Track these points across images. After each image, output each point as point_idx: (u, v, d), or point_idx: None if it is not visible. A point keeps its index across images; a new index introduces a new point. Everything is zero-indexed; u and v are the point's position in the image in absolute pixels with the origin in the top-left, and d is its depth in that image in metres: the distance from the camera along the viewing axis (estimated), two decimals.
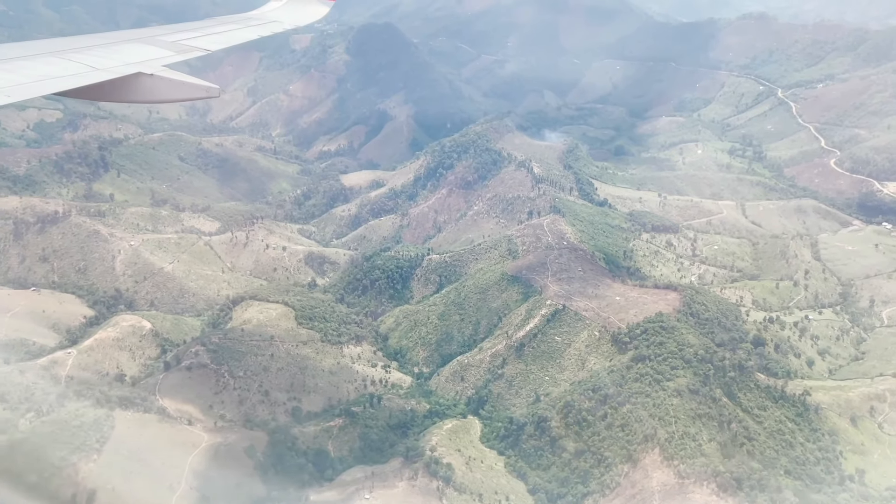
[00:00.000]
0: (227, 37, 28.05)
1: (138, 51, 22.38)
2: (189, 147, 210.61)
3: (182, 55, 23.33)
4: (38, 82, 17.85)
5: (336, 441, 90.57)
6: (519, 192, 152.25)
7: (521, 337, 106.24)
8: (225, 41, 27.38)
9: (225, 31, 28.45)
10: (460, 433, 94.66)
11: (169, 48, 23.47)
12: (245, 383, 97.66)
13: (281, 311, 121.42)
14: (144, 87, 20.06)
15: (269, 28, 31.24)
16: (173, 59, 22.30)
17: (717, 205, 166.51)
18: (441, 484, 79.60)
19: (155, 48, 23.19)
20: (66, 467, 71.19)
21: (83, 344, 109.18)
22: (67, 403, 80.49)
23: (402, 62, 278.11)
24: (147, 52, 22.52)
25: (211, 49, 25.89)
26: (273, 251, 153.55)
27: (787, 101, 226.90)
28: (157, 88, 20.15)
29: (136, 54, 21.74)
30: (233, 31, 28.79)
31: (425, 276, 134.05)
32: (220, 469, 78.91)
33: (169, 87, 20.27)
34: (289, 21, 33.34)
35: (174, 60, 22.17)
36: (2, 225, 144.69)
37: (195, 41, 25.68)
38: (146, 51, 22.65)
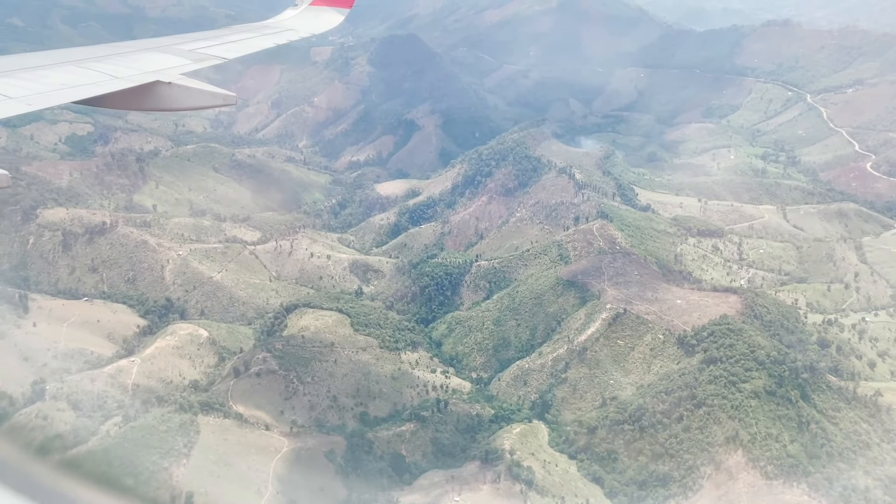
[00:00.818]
0: (243, 45, 28.39)
1: (156, 59, 22.70)
2: (223, 158, 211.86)
3: (199, 63, 23.60)
4: (57, 91, 18.08)
5: (409, 445, 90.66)
6: (562, 198, 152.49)
7: (583, 341, 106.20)
8: (241, 49, 27.84)
9: (241, 40, 28.87)
10: (529, 437, 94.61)
11: (186, 57, 23.73)
12: (313, 389, 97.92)
13: (336, 318, 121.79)
14: (163, 96, 20.27)
15: (284, 36, 31.55)
16: (191, 67, 22.60)
17: (757, 209, 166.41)
18: (524, 487, 79.58)
19: (172, 57, 23.50)
20: (160, 471, 71.44)
21: (145, 352, 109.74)
22: (152, 409, 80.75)
23: (428, 72, 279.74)
24: (165, 60, 22.83)
25: (228, 57, 26.00)
26: (317, 260, 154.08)
27: (817, 107, 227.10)
28: (175, 96, 20.37)
29: (153, 63, 22.07)
30: (249, 40, 29.15)
31: (474, 283, 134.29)
32: (303, 473, 79.10)
33: (187, 95, 20.47)
34: (304, 29, 33.70)
35: (192, 69, 22.47)
36: (51, 236, 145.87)
37: (212, 49, 26.01)
38: (164, 59, 22.97)
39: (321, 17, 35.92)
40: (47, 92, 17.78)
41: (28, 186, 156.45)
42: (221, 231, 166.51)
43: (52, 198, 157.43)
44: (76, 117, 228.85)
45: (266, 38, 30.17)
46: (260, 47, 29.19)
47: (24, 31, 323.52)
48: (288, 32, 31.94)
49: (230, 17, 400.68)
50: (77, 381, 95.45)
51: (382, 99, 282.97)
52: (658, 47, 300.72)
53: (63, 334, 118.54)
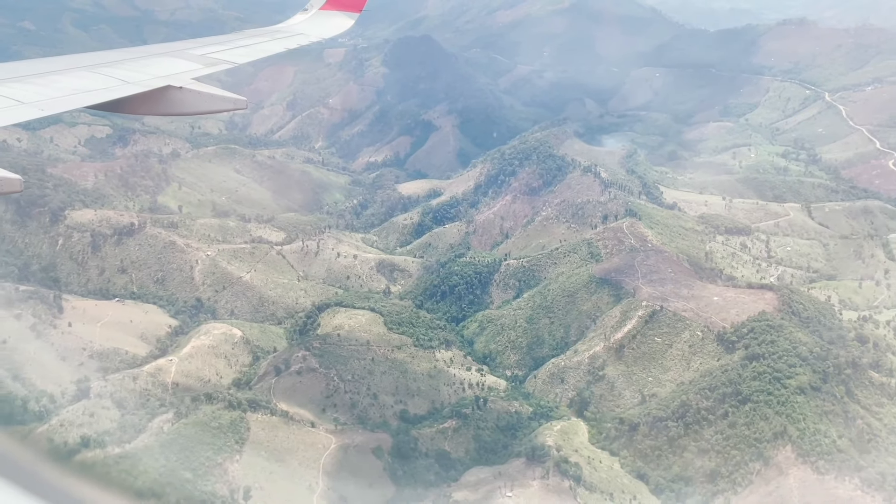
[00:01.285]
0: (253, 49, 28.55)
1: (167, 64, 22.79)
2: (243, 159, 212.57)
3: (210, 68, 23.60)
4: (70, 96, 18.19)
5: (451, 442, 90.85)
6: (588, 196, 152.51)
7: (620, 339, 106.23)
8: (252, 54, 27.94)
9: (252, 45, 28.97)
10: (570, 434, 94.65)
11: (197, 61, 23.75)
12: (354, 387, 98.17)
13: (369, 317, 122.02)
14: (174, 100, 20.31)
15: (294, 41, 31.60)
16: (202, 71, 22.62)
17: (782, 207, 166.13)
18: (572, 483, 79.60)
19: (184, 61, 23.53)
20: (214, 467, 71.73)
21: (182, 352, 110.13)
22: (201, 406, 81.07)
23: (443, 73, 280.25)
24: (176, 65, 22.91)
25: (238, 62, 26.23)
26: (344, 259, 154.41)
27: (836, 105, 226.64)
28: (187, 101, 20.41)
29: (165, 67, 22.17)
30: (259, 44, 29.23)
31: (504, 282, 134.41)
32: (352, 470, 79.32)
33: (198, 99, 20.52)
34: (314, 34, 33.66)
35: (203, 73, 22.50)
36: (80, 237, 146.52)
37: (223, 54, 26.08)
38: (175, 64, 23.05)
39: (331, 22, 36.25)
40: (60, 97, 17.97)
41: (55, 188, 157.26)
42: (247, 231, 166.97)
43: (80, 199, 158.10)
44: (94, 120, 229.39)
45: (276, 42, 30.53)
46: (270, 52, 29.51)
47: (35, 34, 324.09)
48: (298, 37, 32.22)
49: (240, 19, 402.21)
50: (119, 380, 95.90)
51: (398, 99, 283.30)
52: (672, 47, 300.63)
53: (97, 334, 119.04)
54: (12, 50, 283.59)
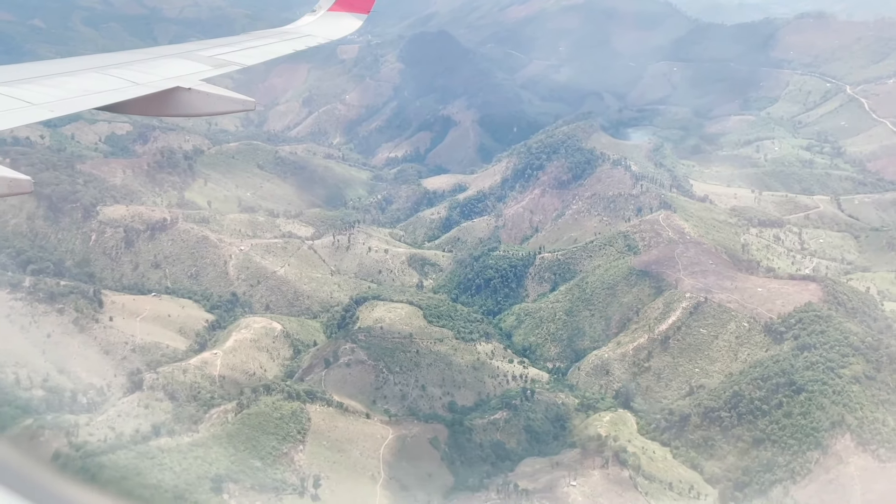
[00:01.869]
0: (262, 51, 28.70)
1: (176, 66, 22.98)
2: (266, 155, 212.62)
3: (219, 69, 23.77)
4: (80, 97, 18.32)
5: (503, 433, 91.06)
6: (619, 189, 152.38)
7: (665, 330, 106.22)
8: (260, 56, 28.08)
9: (260, 46, 29.19)
10: (619, 425, 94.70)
11: (206, 63, 23.91)
12: (403, 378, 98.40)
13: (409, 311, 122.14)
14: (183, 101, 20.47)
15: (303, 42, 31.78)
16: (210, 73, 22.80)
17: (812, 199, 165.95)
18: (632, 473, 79.70)
19: (192, 63, 23.69)
20: (281, 456, 72.03)
21: (226, 345, 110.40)
22: (261, 397, 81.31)
23: (461, 69, 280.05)
24: (185, 66, 23.08)
25: (247, 63, 26.29)
26: (375, 254, 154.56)
27: (858, 98, 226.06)
28: (195, 102, 20.56)
29: (174, 69, 22.36)
30: (268, 46, 29.40)
31: (539, 275, 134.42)
32: (410, 460, 79.62)
33: (206, 100, 20.67)
34: (322, 35, 33.71)
35: (211, 74, 22.67)
36: (113, 233, 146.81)
37: (231, 56, 26.21)
38: (184, 65, 23.20)
39: (339, 23, 36.42)
40: (69, 98, 18.11)
41: (85, 184, 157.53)
42: (276, 227, 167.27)
43: (111, 195, 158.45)
44: (114, 117, 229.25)
45: (285, 43, 30.69)
46: (279, 53, 29.63)
47: (46, 32, 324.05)
48: (306, 38, 32.40)
49: (249, 17, 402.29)
50: (169, 373, 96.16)
51: (415, 95, 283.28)
52: (689, 42, 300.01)
53: (138, 328, 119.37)
54: (25, 48, 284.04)
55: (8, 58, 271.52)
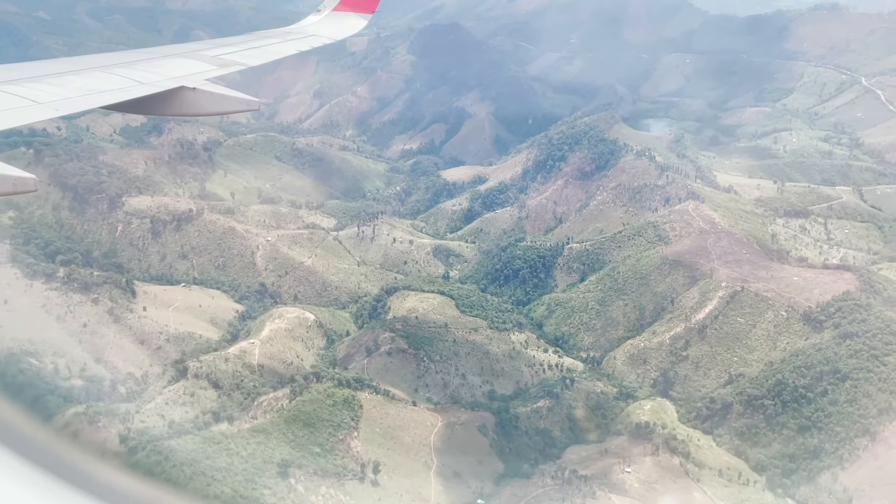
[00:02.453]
0: (266, 51, 28.81)
1: (181, 65, 23.09)
2: (283, 147, 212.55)
3: (223, 69, 23.95)
4: (84, 96, 18.41)
5: (546, 421, 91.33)
6: (644, 180, 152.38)
7: (702, 319, 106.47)
8: (265, 56, 28.19)
9: (265, 46, 29.30)
10: (660, 413, 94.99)
11: (211, 62, 24.10)
12: (443, 367, 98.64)
13: (441, 301, 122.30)
14: (187, 101, 20.52)
15: (307, 42, 31.88)
16: (215, 73, 22.94)
17: (834, 190, 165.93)
18: (682, 460, 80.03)
19: (197, 62, 23.86)
20: (338, 442, 72.26)
21: (262, 335, 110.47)
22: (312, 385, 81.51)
23: (473, 61, 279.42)
24: (190, 66, 23.20)
25: (251, 64, 26.50)
26: (400, 245, 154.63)
27: (874, 90, 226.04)
28: (200, 102, 20.63)
29: (179, 69, 22.44)
30: (272, 46, 29.56)
31: (567, 265, 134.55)
32: (461, 447, 79.93)
33: (211, 100, 20.74)
34: (327, 35, 33.80)
35: (216, 74, 22.81)
36: (139, 224, 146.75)
37: (235, 56, 26.38)
38: (188, 65, 23.32)
39: (344, 23, 36.42)
40: (75, 97, 18.19)
41: (109, 175, 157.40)
42: (299, 218, 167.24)
43: (135, 186, 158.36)
44: None
45: (289, 44, 30.81)
46: (283, 54, 29.76)
47: (51, 23, 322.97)
48: (311, 38, 32.47)
49: (253, 9, 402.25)
50: (211, 362, 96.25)
51: (427, 87, 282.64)
52: (701, 33, 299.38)
53: (171, 318, 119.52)
54: (32, 39, 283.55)
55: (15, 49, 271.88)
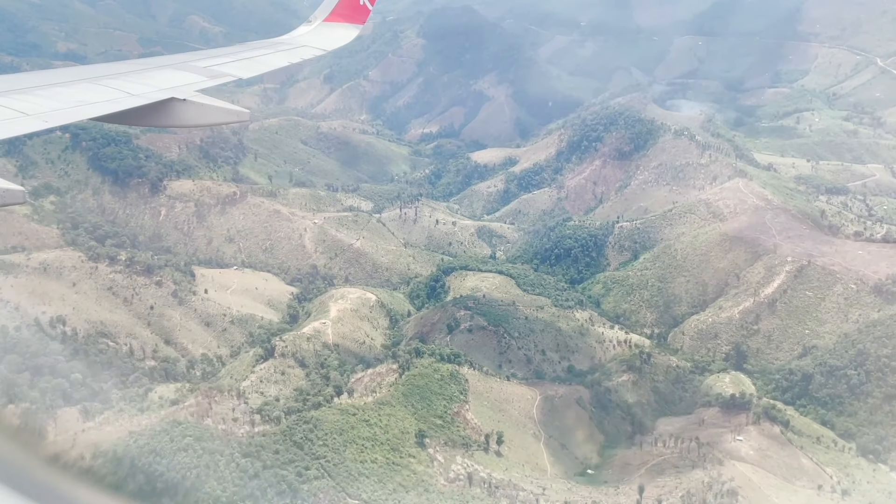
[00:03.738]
0: (257, 62, 29.03)
1: (171, 76, 23.46)
2: (308, 131, 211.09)
3: (214, 80, 24.12)
4: (74, 108, 18.53)
5: (632, 394, 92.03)
6: (686, 159, 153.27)
7: (770, 294, 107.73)
8: (256, 67, 28.40)
9: (255, 57, 29.66)
10: (739, 385, 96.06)
11: (201, 73, 24.38)
12: (523, 343, 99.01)
13: (500, 280, 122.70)
14: (178, 112, 20.70)
15: (298, 54, 32.03)
16: (205, 84, 23.23)
17: (867, 168, 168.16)
18: (782, 428, 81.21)
19: (187, 74, 24.16)
20: (454, 415, 72.54)
21: (331, 315, 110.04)
22: (414, 360, 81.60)
23: (488, 44, 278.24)
24: (180, 77, 23.53)
25: (242, 76, 26.57)
26: (443, 226, 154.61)
27: (890, 70, 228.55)
28: (191, 113, 20.77)
29: (168, 80, 22.78)
30: (263, 57, 29.91)
31: (619, 244, 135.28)
32: (562, 419, 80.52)
33: (202, 111, 20.89)
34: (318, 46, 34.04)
35: (206, 86, 23.12)
36: (183, 207, 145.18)
37: (226, 67, 26.63)
38: (179, 76, 23.66)
39: (335, 33, 36.34)
40: (64, 109, 18.31)
41: (147, 159, 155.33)
42: (338, 201, 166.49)
43: (175, 170, 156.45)
44: None
45: (280, 55, 31.15)
46: (275, 66, 29.91)
47: (45, 9, 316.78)
48: (301, 49, 32.75)
49: None
50: (293, 341, 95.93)
51: (441, 71, 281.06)
52: (712, 15, 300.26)
53: (232, 301, 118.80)
54: (28, 25, 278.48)
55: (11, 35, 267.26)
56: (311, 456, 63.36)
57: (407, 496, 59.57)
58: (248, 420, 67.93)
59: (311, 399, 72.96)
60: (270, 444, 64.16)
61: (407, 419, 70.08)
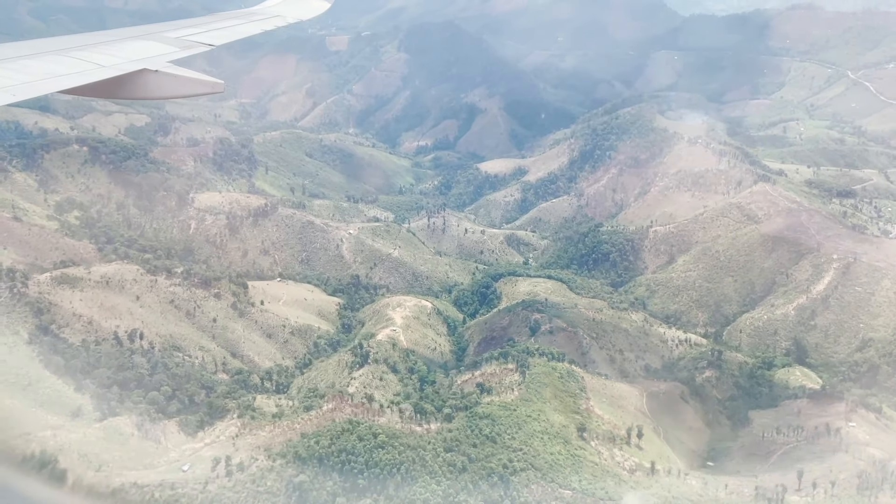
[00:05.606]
0: (230, 31, 28.20)
1: (142, 47, 22.54)
2: (311, 144, 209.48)
3: (186, 51, 23.43)
4: (43, 80, 17.84)
5: (718, 389, 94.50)
6: (704, 165, 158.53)
7: (822, 290, 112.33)
8: (229, 36, 27.54)
9: (228, 27, 28.77)
10: (808, 378, 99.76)
11: (173, 44, 23.64)
12: (602, 343, 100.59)
13: (552, 285, 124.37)
14: (150, 84, 20.06)
15: (271, 23, 31.38)
16: (177, 55, 22.56)
17: (863, 173, 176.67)
18: (877, 415, 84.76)
19: (158, 44, 23.33)
20: (585, 410, 73.40)
21: (398, 323, 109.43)
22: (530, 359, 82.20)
23: (476, 58, 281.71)
24: (151, 48, 22.70)
25: (215, 44, 25.78)
26: (472, 235, 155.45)
27: (863, 82, 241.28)
28: (163, 84, 20.19)
29: (139, 51, 21.96)
30: (236, 27, 29.10)
31: (654, 247, 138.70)
32: (671, 414, 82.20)
33: (174, 82, 20.31)
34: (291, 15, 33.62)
35: (178, 56, 22.47)
36: (214, 220, 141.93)
37: (198, 37, 25.77)
38: (150, 47, 22.78)
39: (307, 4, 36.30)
40: (32, 81, 17.59)
41: (168, 171, 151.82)
42: (360, 212, 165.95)
43: (198, 182, 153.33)
44: (131, 109, 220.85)
45: (253, 24, 30.37)
46: (247, 34, 29.15)
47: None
48: (275, 19, 32.23)
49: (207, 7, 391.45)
50: (379, 345, 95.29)
51: (427, 84, 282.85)
52: (684, 31, 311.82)
53: (286, 312, 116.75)
54: None
55: None
56: (509, 449, 63.29)
57: (609, 485, 60.12)
58: (408, 418, 67.24)
59: (458, 401, 72.46)
60: (464, 438, 63.76)
61: (548, 414, 70.52)
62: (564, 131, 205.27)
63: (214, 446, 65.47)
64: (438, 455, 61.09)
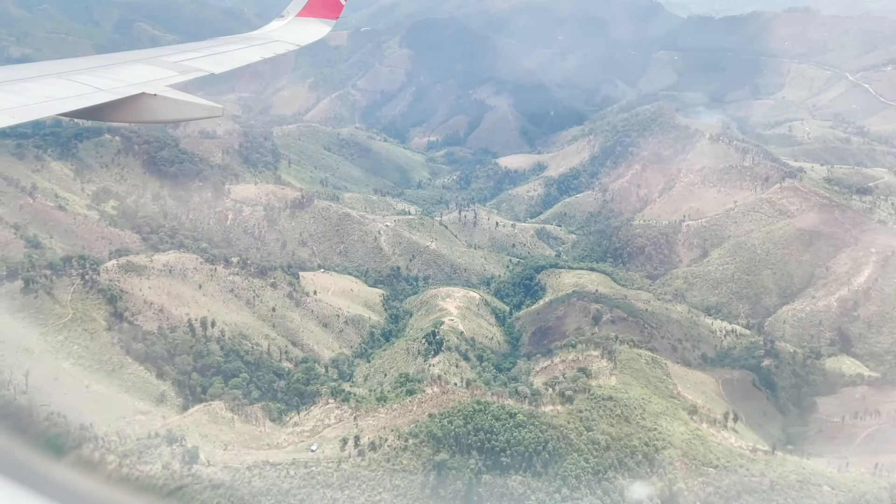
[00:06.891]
0: (230, 57, 28.39)
1: (141, 71, 22.94)
2: (328, 138, 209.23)
3: (185, 76, 23.72)
4: (42, 103, 18.07)
5: (779, 377, 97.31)
6: (728, 161, 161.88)
7: (863, 282, 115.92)
8: (228, 62, 27.72)
9: (227, 52, 29.07)
10: (858, 367, 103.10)
11: (172, 69, 24.01)
12: (662, 333, 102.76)
13: (595, 276, 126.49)
14: (149, 108, 20.17)
15: (271, 49, 31.52)
16: (177, 79, 22.95)
17: (875, 171, 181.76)
18: None
19: (158, 69, 23.72)
20: (678, 395, 75.38)
21: (454, 313, 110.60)
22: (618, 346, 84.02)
23: (481, 54, 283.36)
24: (150, 72, 23.07)
25: (214, 71, 25.85)
26: (503, 228, 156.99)
27: (862, 84, 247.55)
28: (162, 108, 20.33)
29: (139, 75, 22.36)
30: (235, 52, 29.34)
31: (688, 241, 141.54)
32: (747, 400, 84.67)
33: (173, 107, 20.47)
34: (291, 41, 33.75)
35: (178, 81, 22.83)
36: (251, 212, 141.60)
37: (198, 62, 26.07)
38: (149, 71, 23.16)
39: (308, 29, 36.06)
40: (32, 104, 17.87)
41: (199, 163, 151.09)
42: (389, 205, 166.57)
43: (232, 174, 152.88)
44: None
45: (252, 50, 30.82)
46: (247, 60, 29.28)
47: None
48: (274, 44, 32.44)
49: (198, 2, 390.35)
50: (447, 332, 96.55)
51: (433, 80, 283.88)
52: (683, 32, 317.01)
53: (337, 303, 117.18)
54: None
55: None
56: (644, 428, 64.83)
57: (744, 462, 61.98)
58: (523, 399, 68.61)
59: (568, 384, 73.84)
60: (596, 417, 65.18)
61: (655, 399, 72.38)
62: (580, 128, 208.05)
63: (336, 428, 66.12)
64: (581, 434, 62.56)
